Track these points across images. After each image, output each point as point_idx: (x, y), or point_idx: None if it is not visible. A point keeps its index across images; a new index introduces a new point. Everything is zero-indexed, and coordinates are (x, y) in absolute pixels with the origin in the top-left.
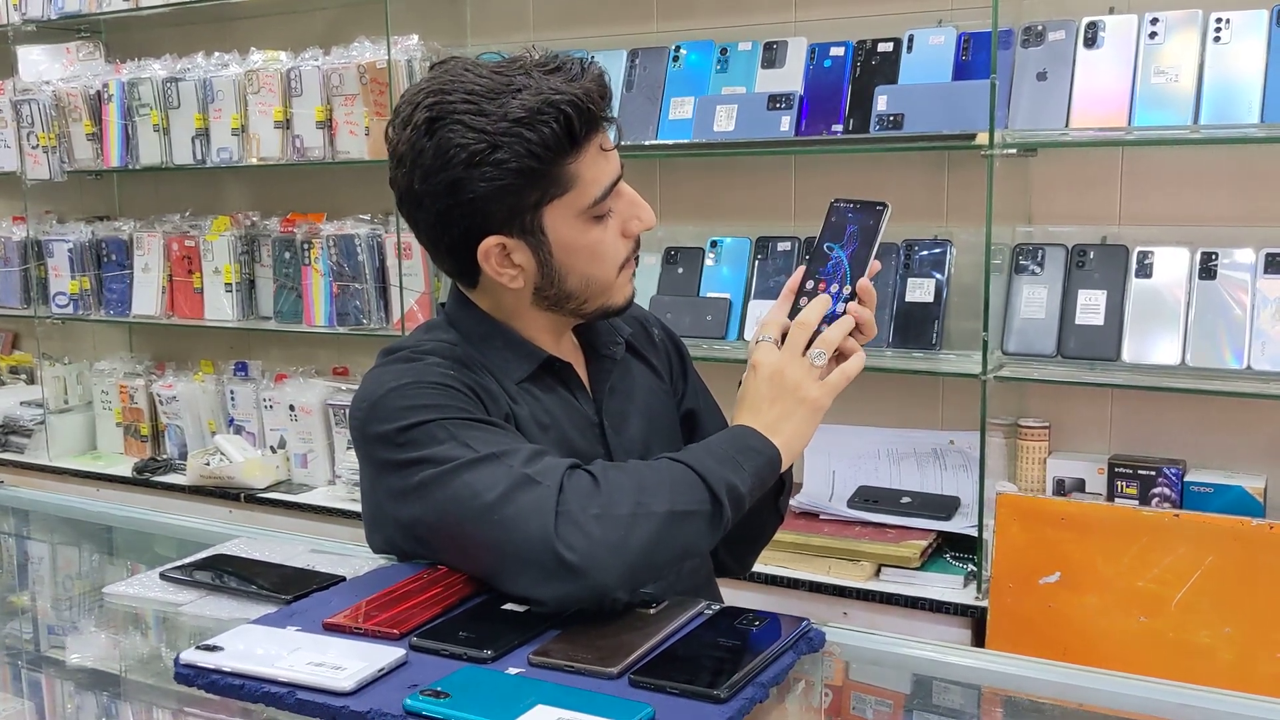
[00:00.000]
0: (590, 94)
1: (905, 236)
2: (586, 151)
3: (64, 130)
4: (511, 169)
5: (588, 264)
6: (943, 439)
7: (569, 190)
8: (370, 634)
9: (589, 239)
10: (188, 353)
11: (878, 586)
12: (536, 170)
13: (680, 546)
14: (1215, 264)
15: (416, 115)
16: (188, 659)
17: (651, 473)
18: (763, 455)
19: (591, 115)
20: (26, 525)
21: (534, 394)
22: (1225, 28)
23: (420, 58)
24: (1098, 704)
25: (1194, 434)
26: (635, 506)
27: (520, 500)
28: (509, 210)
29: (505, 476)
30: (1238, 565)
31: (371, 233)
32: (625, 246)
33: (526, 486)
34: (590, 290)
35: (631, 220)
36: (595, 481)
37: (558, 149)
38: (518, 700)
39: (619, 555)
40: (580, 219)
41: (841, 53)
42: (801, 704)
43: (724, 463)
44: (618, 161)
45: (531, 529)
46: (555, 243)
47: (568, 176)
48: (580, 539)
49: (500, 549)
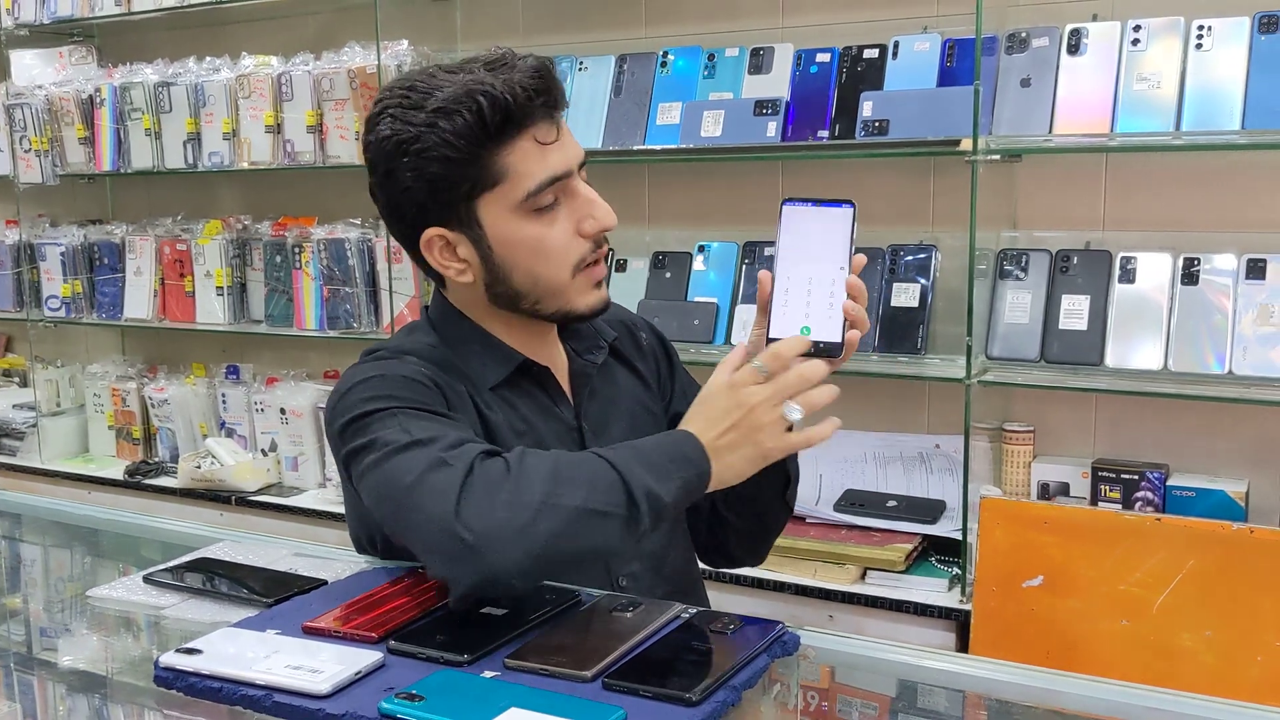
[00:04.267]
0: (515, 85)
1: (890, 241)
2: (518, 143)
3: (56, 134)
4: (433, 157)
5: (531, 261)
6: (928, 443)
7: (500, 182)
8: (349, 637)
9: (529, 234)
10: (179, 356)
11: (863, 590)
12: (455, 160)
13: (588, 544)
14: (1197, 269)
15: (370, 115)
16: (167, 662)
17: (571, 466)
18: (695, 469)
19: (515, 106)
20: (13, 529)
21: (510, 400)
22: (1207, 35)
23: (410, 63)
24: (1078, 709)
25: (1177, 438)
26: (545, 497)
27: (430, 482)
28: (442, 202)
29: (424, 460)
30: (1219, 569)
31: (362, 237)
32: (580, 247)
33: (438, 469)
34: (540, 290)
35: (585, 219)
36: (508, 467)
37: (473, 139)
38: (492, 703)
39: (518, 542)
40: (517, 213)
41: (827, 59)
42: (775, 707)
43: (652, 469)
44: (567, 157)
45: (434, 510)
46: (494, 237)
47: (498, 168)
48: (479, 521)
49: (414, 530)
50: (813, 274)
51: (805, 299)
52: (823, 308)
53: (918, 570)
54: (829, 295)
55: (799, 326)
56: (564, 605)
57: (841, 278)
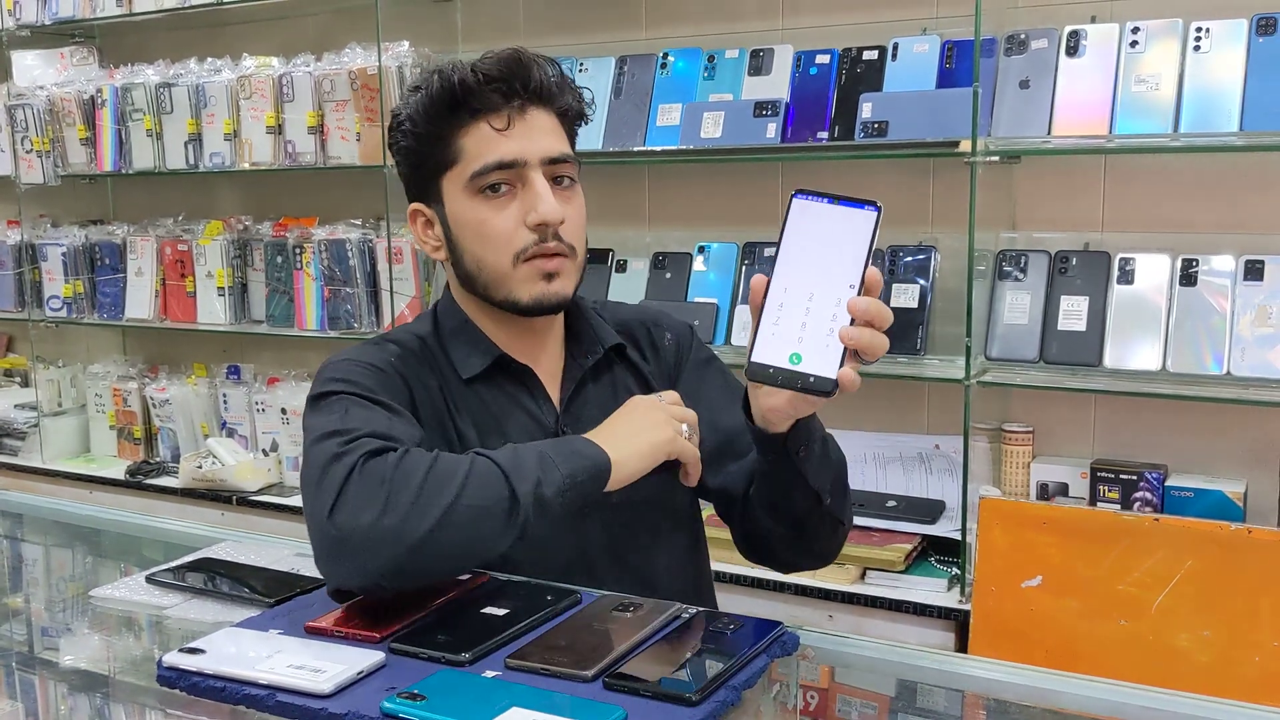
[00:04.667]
0: (472, 70)
1: (890, 242)
2: (474, 126)
3: (58, 135)
4: (405, 132)
5: (474, 242)
6: (928, 443)
7: (457, 162)
8: (351, 637)
9: (474, 215)
10: (181, 356)
11: (863, 590)
12: (420, 135)
13: (465, 541)
14: (1196, 270)
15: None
16: (170, 661)
17: (452, 464)
18: (587, 459)
19: (465, 90)
20: (14, 529)
21: (484, 397)
22: (1205, 37)
23: (411, 64)
24: (1076, 709)
25: (1175, 439)
26: (419, 494)
27: (321, 477)
28: (419, 178)
29: (326, 453)
30: (1217, 569)
31: (363, 237)
32: (524, 237)
33: (331, 464)
34: (485, 275)
35: (530, 211)
36: (389, 468)
37: (432, 117)
38: (493, 703)
39: (389, 543)
40: (466, 193)
41: (827, 60)
42: (775, 707)
43: (538, 463)
44: (524, 148)
45: (315, 506)
46: (451, 215)
47: (456, 148)
48: (350, 521)
49: (307, 519)
50: (816, 289)
51: (801, 318)
52: (820, 333)
53: (917, 570)
54: (830, 319)
55: (788, 353)
56: (564, 605)
57: (848, 299)
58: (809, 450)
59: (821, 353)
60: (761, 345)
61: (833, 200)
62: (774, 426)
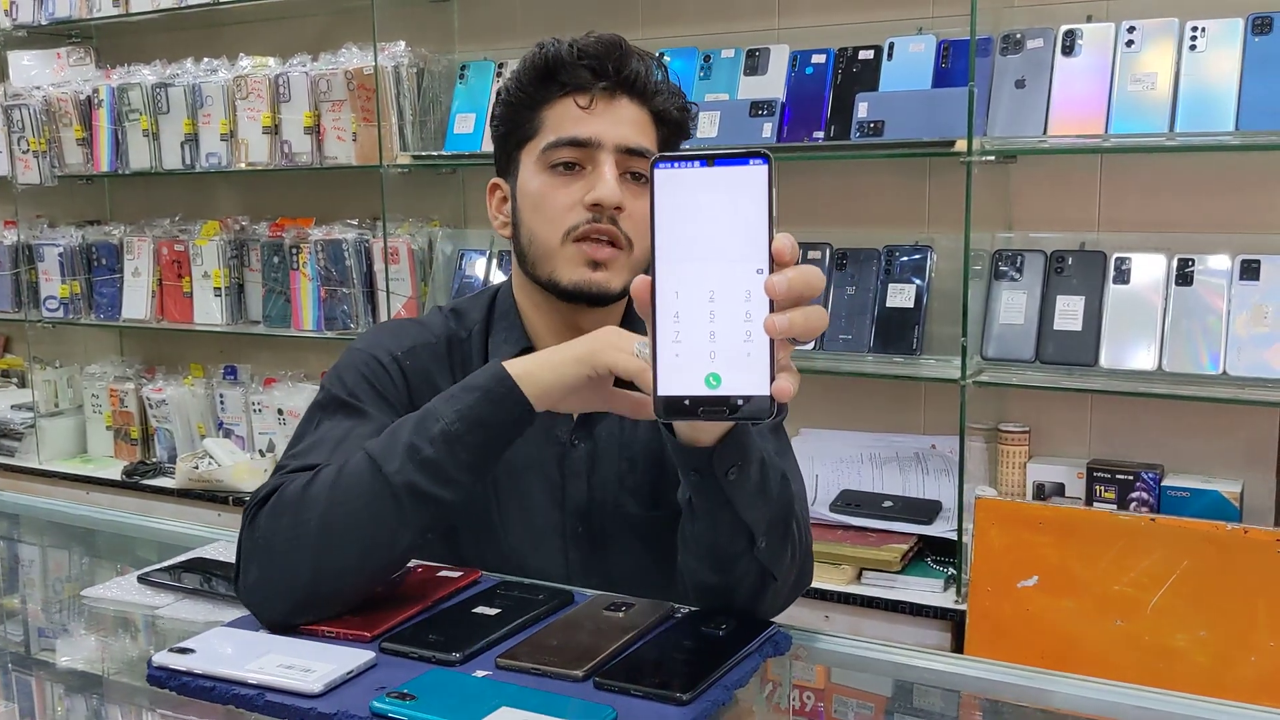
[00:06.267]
0: (569, 46)
1: (886, 242)
2: (560, 102)
3: (54, 135)
4: (501, 101)
5: (531, 214)
6: (924, 443)
7: (536, 134)
8: (341, 637)
9: (537, 186)
10: (177, 356)
11: (859, 590)
12: (513, 104)
13: (357, 552)
14: (1192, 270)
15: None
16: (160, 661)
17: (327, 476)
18: (477, 389)
19: (558, 63)
20: (11, 529)
21: None
22: (1201, 36)
23: (407, 64)
24: (1072, 709)
25: (1171, 439)
26: (294, 529)
27: (258, 513)
28: (504, 150)
29: (272, 484)
30: (1213, 569)
31: (359, 238)
32: (577, 215)
33: (260, 501)
34: (534, 250)
35: (590, 191)
36: (268, 511)
37: (524, 84)
38: (483, 702)
39: (281, 594)
40: (537, 166)
41: (823, 60)
42: (765, 707)
43: (415, 425)
44: (601, 130)
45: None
46: (519, 186)
47: (538, 120)
48: (249, 575)
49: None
50: (715, 283)
51: (707, 326)
52: (735, 339)
53: (913, 570)
54: (743, 318)
55: (701, 374)
56: (556, 605)
57: (760, 283)
58: (741, 474)
59: (744, 364)
60: (666, 372)
61: (705, 162)
62: (698, 440)
